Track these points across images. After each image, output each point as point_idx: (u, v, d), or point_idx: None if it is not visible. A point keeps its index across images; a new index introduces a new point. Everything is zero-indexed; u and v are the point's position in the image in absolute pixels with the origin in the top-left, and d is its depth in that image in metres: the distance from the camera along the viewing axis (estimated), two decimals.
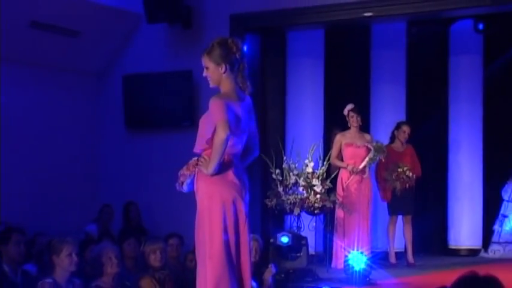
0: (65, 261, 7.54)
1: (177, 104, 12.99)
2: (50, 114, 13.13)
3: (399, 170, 12.06)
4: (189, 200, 6.64)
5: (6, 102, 12.30)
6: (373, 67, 13.97)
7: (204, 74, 6.66)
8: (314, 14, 12.38)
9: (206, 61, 6.63)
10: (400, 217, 12.38)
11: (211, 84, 6.69)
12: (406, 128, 12.38)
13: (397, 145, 12.35)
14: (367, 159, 11.82)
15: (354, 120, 11.93)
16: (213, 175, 6.41)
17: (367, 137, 12.14)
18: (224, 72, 6.60)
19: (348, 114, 11.96)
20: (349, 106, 11.99)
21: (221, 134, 6.32)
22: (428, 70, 14.24)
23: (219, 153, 6.35)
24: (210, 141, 6.45)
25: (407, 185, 12.11)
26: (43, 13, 12.17)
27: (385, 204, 12.52)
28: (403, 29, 13.84)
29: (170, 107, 12.99)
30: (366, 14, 12.24)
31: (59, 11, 12.24)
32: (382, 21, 13.11)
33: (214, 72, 6.60)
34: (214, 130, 6.35)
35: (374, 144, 11.95)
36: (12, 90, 12.42)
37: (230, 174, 6.51)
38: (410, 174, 12.10)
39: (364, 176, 11.96)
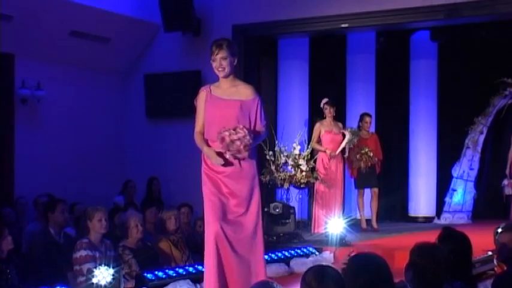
0: (97, 225, 7.55)
1: (188, 97, 12.85)
2: (86, 105, 13.11)
3: (362, 151, 12.03)
4: (196, 175, 6.46)
5: (50, 96, 12.30)
6: (348, 68, 13.98)
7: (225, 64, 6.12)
8: (301, 24, 12.37)
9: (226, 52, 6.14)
10: (368, 190, 12.37)
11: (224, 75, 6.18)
12: (367, 118, 12.36)
13: (363, 132, 12.30)
14: (346, 141, 11.82)
15: (328, 111, 11.85)
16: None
17: (340, 125, 12.12)
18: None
19: (323, 106, 11.90)
20: (324, 100, 11.94)
21: (266, 135, 6.32)
22: (393, 71, 14.22)
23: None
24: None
25: (369, 164, 12.09)
26: (80, 24, 12.14)
27: None
28: (373, 38, 13.83)
29: (182, 100, 12.93)
30: (342, 25, 12.24)
31: (92, 22, 12.22)
32: (356, 31, 13.08)
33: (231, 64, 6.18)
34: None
35: (350, 129, 11.97)
36: (56, 86, 12.42)
37: None
38: (372, 154, 12.07)
39: (345, 156, 11.97)
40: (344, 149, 11.90)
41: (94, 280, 6.43)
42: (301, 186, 11.46)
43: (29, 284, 7.05)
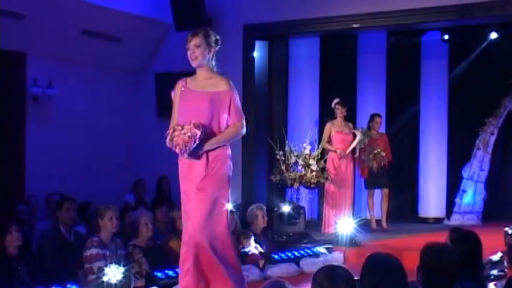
0: (107, 224, 7.58)
1: None
2: (97, 104, 13.13)
3: (375, 151, 12.04)
4: None
5: (62, 95, 12.33)
6: (359, 68, 13.95)
7: (198, 52, 5.97)
8: (312, 24, 12.34)
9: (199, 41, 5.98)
10: (379, 191, 12.37)
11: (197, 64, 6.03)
12: (377, 119, 12.37)
13: (373, 133, 12.29)
14: (356, 141, 11.81)
15: (339, 111, 11.84)
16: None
17: (350, 125, 12.11)
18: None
19: (335, 106, 11.89)
20: (336, 100, 11.93)
21: (244, 131, 6.03)
22: (404, 71, 14.17)
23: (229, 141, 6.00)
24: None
25: (382, 164, 12.09)
26: (92, 23, 12.17)
27: None
28: (384, 38, 13.80)
29: None
30: (354, 25, 12.20)
31: (104, 21, 12.25)
32: (367, 31, 13.05)
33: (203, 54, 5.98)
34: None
35: (360, 130, 11.98)
36: (67, 85, 12.45)
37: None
38: (384, 154, 12.08)
39: (355, 156, 11.95)
40: (354, 149, 11.90)
41: (104, 278, 6.47)
42: (311, 186, 11.46)
43: (39, 281, 7.08)
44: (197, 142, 5.77)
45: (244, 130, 6.06)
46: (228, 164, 6.00)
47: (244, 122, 6.05)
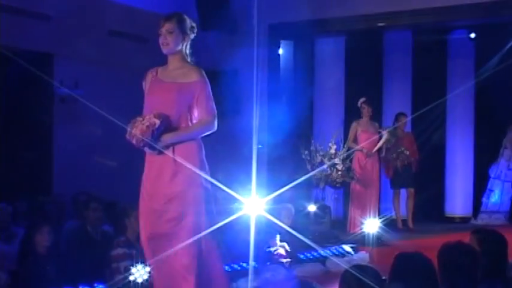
0: (134, 224, 7.57)
1: (225, 96, 12.92)
2: (123, 104, 13.08)
3: (398, 150, 12.04)
4: (229, 175, 6.27)
5: (88, 95, 12.36)
6: (385, 67, 13.91)
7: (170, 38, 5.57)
8: (337, 24, 12.36)
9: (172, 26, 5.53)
10: (404, 190, 12.32)
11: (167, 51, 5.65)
12: (403, 118, 12.33)
13: (398, 132, 12.26)
14: (382, 140, 11.80)
15: (365, 111, 11.84)
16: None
17: (376, 125, 12.12)
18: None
19: (361, 105, 11.89)
20: (362, 99, 11.92)
21: (214, 127, 5.55)
22: (430, 71, 14.11)
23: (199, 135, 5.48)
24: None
25: (405, 162, 12.06)
26: (119, 24, 12.21)
27: None
28: (410, 37, 13.74)
29: (219, 99, 12.88)
30: (379, 24, 12.21)
31: (130, 21, 12.28)
32: (392, 30, 13.02)
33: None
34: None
35: (388, 129, 11.95)
36: (94, 85, 12.48)
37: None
38: (408, 153, 12.05)
39: (381, 156, 11.91)
40: (381, 148, 11.86)
41: (131, 278, 6.47)
42: (337, 185, 11.43)
43: (67, 281, 7.11)
44: (155, 133, 5.35)
45: (213, 126, 5.56)
46: (197, 163, 5.52)
47: (214, 117, 5.56)
